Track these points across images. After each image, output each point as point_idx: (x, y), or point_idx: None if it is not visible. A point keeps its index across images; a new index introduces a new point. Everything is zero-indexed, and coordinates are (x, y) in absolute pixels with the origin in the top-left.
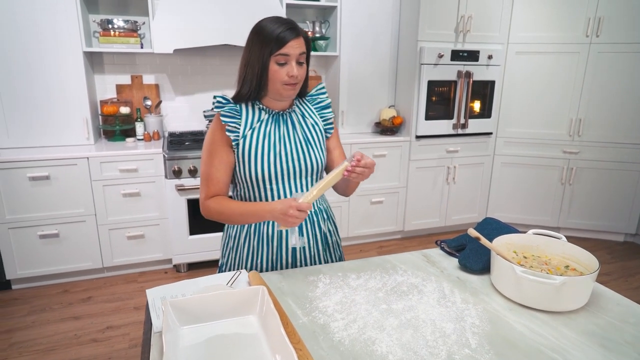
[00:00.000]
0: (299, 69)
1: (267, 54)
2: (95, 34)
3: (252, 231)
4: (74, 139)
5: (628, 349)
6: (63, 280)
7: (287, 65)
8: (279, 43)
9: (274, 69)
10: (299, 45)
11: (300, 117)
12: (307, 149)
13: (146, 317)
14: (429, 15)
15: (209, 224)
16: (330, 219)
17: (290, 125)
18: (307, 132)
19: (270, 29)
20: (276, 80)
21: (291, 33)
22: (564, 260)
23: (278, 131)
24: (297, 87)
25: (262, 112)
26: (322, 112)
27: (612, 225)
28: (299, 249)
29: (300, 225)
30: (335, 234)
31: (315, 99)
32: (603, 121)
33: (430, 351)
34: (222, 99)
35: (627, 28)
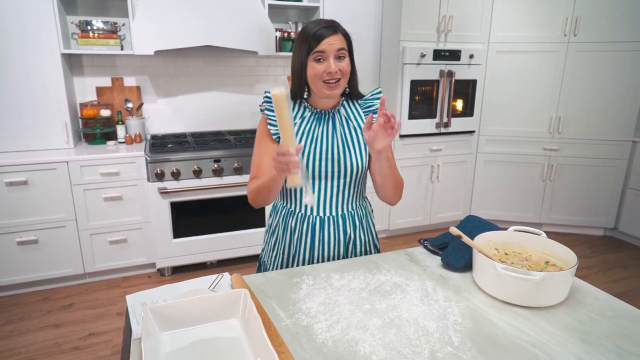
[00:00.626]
0: (338, 63)
1: (305, 52)
2: (74, 36)
3: (281, 221)
4: (53, 142)
5: (606, 342)
6: (43, 287)
7: (325, 62)
8: (314, 41)
9: (312, 66)
10: (335, 41)
11: (344, 118)
12: (345, 151)
13: (126, 323)
14: (410, 16)
15: (193, 227)
16: (364, 227)
17: (331, 125)
18: (347, 134)
19: (309, 28)
20: (315, 78)
21: (327, 30)
22: (544, 256)
23: (317, 130)
24: (341, 84)
25: (306, 110)
26: None
27: (592, 220)
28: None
29: (322, 222)
30: (367, 245)
31: (367, 102)
32: (582, 119)
33: (414, 350)
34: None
35: (603, 27)
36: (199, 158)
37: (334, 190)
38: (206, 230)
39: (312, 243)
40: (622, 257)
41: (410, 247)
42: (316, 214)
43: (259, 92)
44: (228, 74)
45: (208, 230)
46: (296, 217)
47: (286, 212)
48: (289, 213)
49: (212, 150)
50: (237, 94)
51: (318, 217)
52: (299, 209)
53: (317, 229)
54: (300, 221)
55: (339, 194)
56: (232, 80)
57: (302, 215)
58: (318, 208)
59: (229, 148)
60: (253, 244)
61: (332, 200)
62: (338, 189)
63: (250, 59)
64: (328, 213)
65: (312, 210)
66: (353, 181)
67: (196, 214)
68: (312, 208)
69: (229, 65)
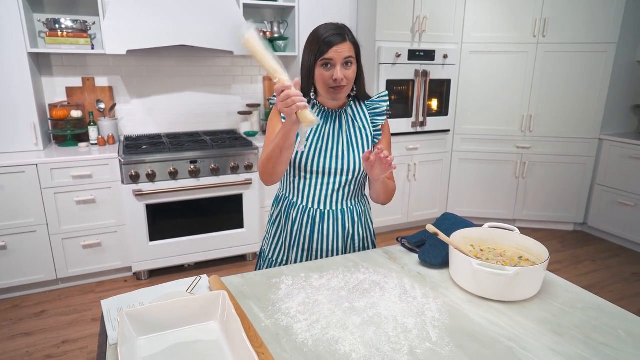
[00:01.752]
0: (344, 71)
1: (313, 58)
2: (41, 34)
3: (282, 211)
4: (21, 145)
5: (576, 333)
6: (12, 294)
7: (332, 68)
8: (323, 47)
9: (320, 72)
10: (344, 49)
11: (350, 118)
12: (349, 150)
13: (101, 329)
14: (385, 16)
15: (169, 230)
16: (362, 223)
17: (338, 124)
18: (352, 134)
19: (319, 33)
20: (322, 83)
21: (337, 38)
22: (518, 251)
23: (324, 128)
24: (345, 90)
25: (315, 107)
26: (375, 118)
27: (562, 215)
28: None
29: (322, 215)
30: (365, 240)
31: (374, 104)
32: (551, 117)
33: (393, 347)
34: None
35: (570, 29)
36: (174, 159)
37: (335, 186)
38: (183, 233)
39: (312, 235)
40: (591, 251)
41: (388, 245)
42: (317, 207)
43: (235, 92)
44: (203, 74)
45: (185, 232)
46: (297, 208)
47: (288, 203)
48: (291, 204)
49: (188, 151)
50: (213, 94)
51: (318, 210)
52: (300, 200)
53: (317, 221)
54: (301, 213)
55: (340, 189)
56: (208, 81)
57: (304, 207)
58: (319, 201)
59: (205, 149)
60: (231, 246)
61: (332, 195)
62: (340, 185)
63: (225, 59)
64: (328, 207)
65: (312, 203)
66: (354, 179)
67: (173, 216)
68: (314, 201)
69: (204, 65)
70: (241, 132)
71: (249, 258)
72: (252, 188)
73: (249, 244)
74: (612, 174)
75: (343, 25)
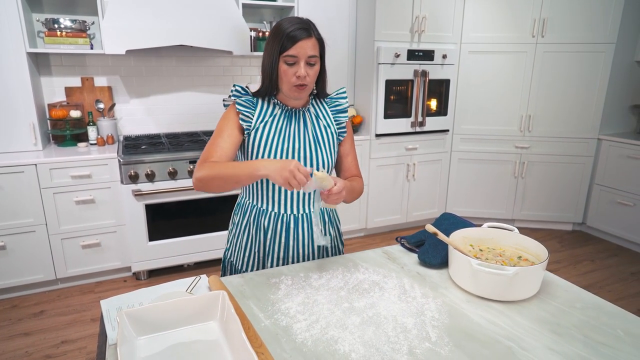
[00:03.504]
0: (308, 70)
1: (277, 52)
2: (40, 34)
3: (252, 220)
4: (20, 145)
5: (575, 333)
6: (11, 295)
7: (296, 65)
8: (288, 42)
9: (283, 69)
10: (309, 46)
11: (313, 116)
12: (316, 149)
13: (100, 329)
14: (384, 16)
15: (169, 229)
16: (332, 223)
17: (302, 123)
18: (317, 132)
19: (283, 27)
20: (284, 80)
21: (302, 33)
22: (517, 251)
23: (289, 128)
24: (307, 89)
25: (276, 107)
26: (337, 115)
27: (561, 215)
28: (295, 249)
29: (297, 220)
30: (337, 240)
31: (334, 101)
32: (550, 117)
33: (392, 347)
34: (240, 88)
35: (569, 29)
36: (174, 159)
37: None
38: (182, 233)
39: (287, 241)
40: (590, 250)
41: (388, 245)
42: (290, 212)
43: None
44: (202, 74)
45: (184, 232)
46: (269, 216)
47: (257, 211)
48: (260, 212)
49: (188, 151)
50: (212, 94)
51: (292, 215)
52: (271, 207)
53: (292, 227)
54: (274, 220)
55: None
56: (207, 80)
57: (276, 214)
58: (292, 206)
59: None
60: None
61: (304, 197)
62: None
63: (224, 58)
64: (302, 211)
65: (285, 208)
66: None
67: (172, 216)
68: (287, 207)
69: (204, 65)
70: None
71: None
72: None
73: None
74: (610, 173)
75: (308, 20)
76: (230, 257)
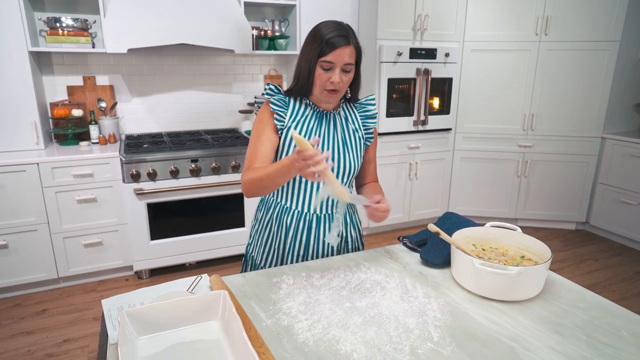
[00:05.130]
0: (342, 76)
1: (315, 56)
2: (42, 33)
3: (274, 217)
4: (22, 144)
5: (579, 333)
6: (14, 293)
7: (331, 71)
8: (326, 48)
9: (319, 72)
10: (347, 54)
11: (343, 120)
12: (344, 152)
13: (102, 328)
14: (387, 14)
15: (171, 228)
16: (354, 225)
17: (332, 126)
18: (346, 136)
19: (323, 32)
20: (318, 83)
21: (341, 40)
22: (520, 250)
23: (319, 129)
24: (338, 95)
25: (308, 107)
26: (366, 121)
27: (565, 214)
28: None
29: (319, 220)
30: (357, 241)
31: (364, 107)
32: (554, 116)
33: (394, 347)
34: (273, 87)
35: (573, 27)
36: (175, 158)
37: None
38: (184, 232)
39: (308, 240)
40: (593, 250)
41: (390, 244)
42: (313, 212)
43: (236, 90)
44: (204, 72)
45: (186, 231)
46: (292, 214)
47: (280, 209)
48: (284, 210)
49: (189, 150)
50: (214, 92)
51: (315, 214)
52: (295, 206)
53: (314, 226)
54: (296, 218)
55: None
56: (209, 79)
57: (299, 212)
58: (316, 206)
59: (206, 148)
60: (232, 245)
61: (328, 198)
62: None
63: (226, 57)
64: (325, 211)
65: (309, 207)
66: (348, 180)
67: (174, 215)
68: (311, 206)
69: (205, 64)
70: (242, 130)
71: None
72: None
73: None
74: (614, 172)
75: (348, 27)
76: (252, 252)
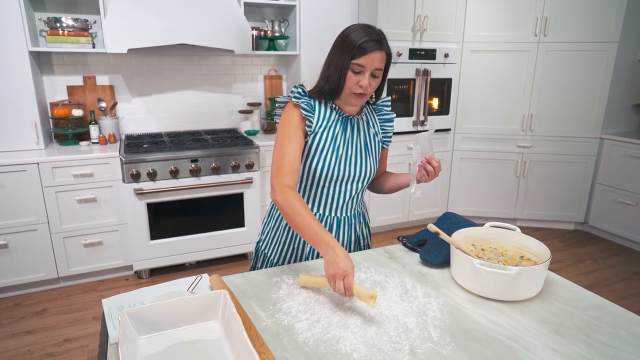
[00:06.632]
0: (371, 81)
1: (347, 59)
2: (42, 33)
3: None
4: (22, 144)
5: (578, 333)
6: (14, 293)
7: (361, 74)
8: (359, 52)
9: (349, 75)
10: (378, 59)
11: (365, 124)
12: (365, 156)
13: (102, 328)
14: (386, 14)
15: (170, 228)
16: (366, 223)
17: (356, 131)
18: (367, 140)
19: (355, 35)
20: (346, 87)
21: (374, 45)
22: (519, 250)
23: (344, 134)
24: (364, 99)
25: (334, 112)
26: (384, 124)
27: (563, 214)
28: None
29: (339, 222)
30: (367, 239)
31: (381, 109)
32: (552, 116)
33: (394, 347)
34: (302, 90)
35: (571, 27)
36: (175, 158)
37: (352, 193)
38: (184, 231)
39: None
40: (592, 250)
41: (389, 244)
42: (334, 215)
43: (236, 91)
44: (204, 72)
45: (186, 231)
46: None
47: None
48: None
49: (189, 150)
50: (214, 93)
51: (335, 217)
52: (317, 209)
53: (334, 229)
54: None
55: (356, 195)
56: (209, 79)
57: (320, 215)
58: (336, 209)
59: (206, 148)
60: (232, 245)
61: (349, 202)
62: (356, 191)
63: (226, 57)
64: (344, 214)
65: (330, 211)
66: (365, 184)
67: (174, 215)
68: (332, 209)
69: (205, 64)
70: (242, 130)
71: (250, 257)
72: (252, 187)
73: (250, 243)
74: (613, 173)
75: (381, 32)
76: (264, 249)
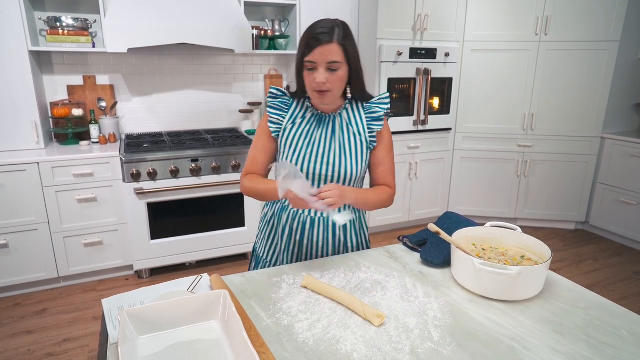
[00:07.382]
0: (329, 75)
1: (300, 58)
2: (42, 33)
3: (275, 213)
4: (23, 143)
5: (579, 333)
6: (14, 293)
7: (314, 71)
8: (307, 49)
9: (305, 74)
10: (329, 52)
11: (345, 122)
12: (342, 157)
13: (102, 327)
14: (387, 14)
15: (171, 228)
16: (355, 230)
17: (330, 129)
18: (346, 140)
19: (306, 32)
20: (307, 85)
21: (323, 38)
22: (520, 250)
23: (317, 132)
24: (329, 95)
25: (308, 110)
26: (371, 123)
27: (564, 214)
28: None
29: (312, 221)
30: (361, 247)
31: (372, 108)
32: (553, 116)
33: (394, 347)
34: (276, 91)
35: (572, 27)
36: (176, 158)
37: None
38: (184, 231)
39: (301, 240)
40: (593, 249)
41: (390, 244)
42: (307, 214)
43: (236, 90)
44: (204, 72)
45: (186, 230)
46: (288, 212)
47: (280, 205)
48: (282, 207)
49: (190, 150)
50: (214, 92)
51: (309, 216)
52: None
53: (307, 227)
54: (291, 217)
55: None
56: (209, 79)
57: (294, 212)
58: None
59: (206, 147)
60: (232, 244)
61: None
62: None
63: (226, 57)
64: (319, 214)
65: (304, 209)
66: (353, 186)
67: (174, 215)
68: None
69: (205, 64)
70: (242, 130)
71: (250, 257)
72: None
73: (250, 243)
74: (614, 172)
75: (335, 24)
76: (256, 245)
